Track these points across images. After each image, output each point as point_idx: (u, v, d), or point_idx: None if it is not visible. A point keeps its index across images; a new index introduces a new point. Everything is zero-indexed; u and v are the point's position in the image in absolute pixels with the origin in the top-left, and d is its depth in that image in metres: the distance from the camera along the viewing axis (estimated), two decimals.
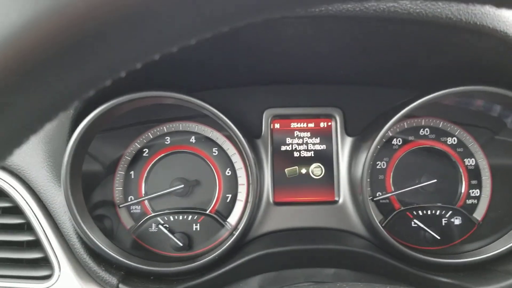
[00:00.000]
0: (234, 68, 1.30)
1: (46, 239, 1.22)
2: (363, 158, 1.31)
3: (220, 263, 1.28)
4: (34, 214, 1.23)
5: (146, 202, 1.41)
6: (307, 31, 1.04)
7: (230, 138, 1.42)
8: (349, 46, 1.17)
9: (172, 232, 1.37)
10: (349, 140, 1.44)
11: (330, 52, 1.18)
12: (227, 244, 1.28)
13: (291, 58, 1.24)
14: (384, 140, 1.47)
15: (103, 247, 1.18)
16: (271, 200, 1.41)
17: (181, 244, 1.35)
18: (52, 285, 1.19)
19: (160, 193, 1.38)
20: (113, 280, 1.19)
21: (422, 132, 1.48)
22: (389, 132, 1.47)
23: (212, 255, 1.27)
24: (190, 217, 1.40)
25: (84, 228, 1.15)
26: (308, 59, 1.24)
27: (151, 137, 1.43)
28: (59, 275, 1.20)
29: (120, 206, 1.39)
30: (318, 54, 1.21)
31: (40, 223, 1.23)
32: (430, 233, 1.40)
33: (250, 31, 1.02)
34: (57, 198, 1.23)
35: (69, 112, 1.15)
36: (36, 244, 1.23)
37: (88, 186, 1.34)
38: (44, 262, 1.23)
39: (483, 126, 1.48)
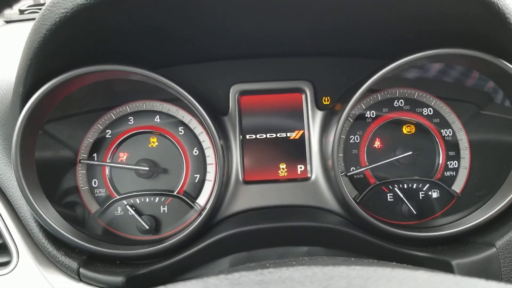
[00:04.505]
0: (197, 39, 1.24)
1: (3, 224, 1.18)
2: (333, 132, 1.25)
3: (188, 244, 1.23)
4: None
5: (110, 185, 1.36)
6: None
7: (197, 116, 1.37)
8: (312, 8, 1.10)
9: (139, 215, 1.32)
10: (320, 114, 1.39)
11: (291, 16, 1.12)
12: (194, 225, 1.24)
13: (253, 26, 1.18)
14: (356, 113, 1.42)
15: (60, 230, 1.13)
16: (240, 179, 1.36)
17: (148, 227, 1.30)
18: (11, 271, 1.15)
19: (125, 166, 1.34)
20: (74, 264, 1.14)
21: (396, 104, 1.42)
22: (362, 104, 1.42)
23: (179, 237, 1.22)
24: (157, 199, 1.36)
25: (38, 209, 1.10)
26: (270, 26, 1.18)
27: (114, 117, 1.38)
28: (17, 261, 1.16)
29: (83, 189, 1.34)
30: (279, 20, 1.14)
31: None
32: (407, 207, 1.35)
33: None
34: (14, 182, 1.18)
35: (18, 90, 1.10)
36: None
37: (51, 171, 1.29)
38: (3, 249, 1.19)
39: (460, 99, 1.42)
